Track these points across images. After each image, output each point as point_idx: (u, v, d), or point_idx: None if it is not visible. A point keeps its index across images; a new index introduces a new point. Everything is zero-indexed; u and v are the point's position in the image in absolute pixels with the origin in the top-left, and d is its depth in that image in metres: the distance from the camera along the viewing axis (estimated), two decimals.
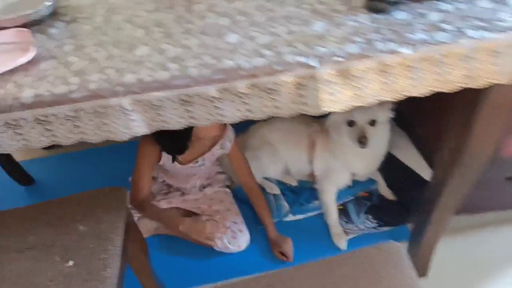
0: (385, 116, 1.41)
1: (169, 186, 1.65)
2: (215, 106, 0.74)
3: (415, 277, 0.84)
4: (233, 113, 0.76)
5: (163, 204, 1.58)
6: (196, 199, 1.63)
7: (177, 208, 1.61)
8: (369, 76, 0.73)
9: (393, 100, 0.78)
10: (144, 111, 0.74)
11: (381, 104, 1.34)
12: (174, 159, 1.41)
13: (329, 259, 0.90)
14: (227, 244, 1.46)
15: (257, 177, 1.69)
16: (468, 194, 1.13)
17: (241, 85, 0.72)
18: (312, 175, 1.62)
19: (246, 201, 1.64)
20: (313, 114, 0.76)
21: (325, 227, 1.56)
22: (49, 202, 1.05)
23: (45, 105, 0.71)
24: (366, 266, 0.85)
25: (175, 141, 1.31)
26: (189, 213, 1.60)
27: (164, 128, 0.77)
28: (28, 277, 0.89)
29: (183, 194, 1.64)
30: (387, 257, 0.86)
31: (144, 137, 1.24)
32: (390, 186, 1.60)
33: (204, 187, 1.65)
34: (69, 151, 2.01)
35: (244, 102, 0.74)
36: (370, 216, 1.54)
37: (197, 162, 1.47)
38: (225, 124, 1.41)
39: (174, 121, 0.76)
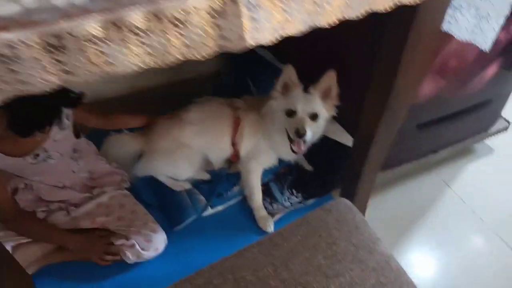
0: (328, 114, 1.29)
1: (46, 202, 1.30)
2: (98, 50, 0.53)
3: (371, 230, 0.73)
4: (126, 59, 0.55)
5: None
6: (88, 213, 1.31)
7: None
8: None
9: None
10: None
11: (326, 100, 1.25)
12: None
13: (274, 234, 0.75)
14: (140, 251, 1.21)
15: (162, 177, 1.47)
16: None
17: (136, 17, 0.52)
18: (230, 159, 1.46)
19: (151, 202, 1.41)
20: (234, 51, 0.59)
21: (247, 213, 1.42)
22: None
23: None
24: (319, 231, 0.72)
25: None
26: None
27: (23, 93, 0.53)
28: None
29: (68, 213, 1.30)
30: (338, 216, 0.74)
31: None
32: (308, 158, 1.52)
33: (92, 188, 1.35)
34: None
35: (142, 42, 0.54)
36: (294, 191, 1.44)
37: (37, 155, 1.17)
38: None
39: (37, 80, 0.53)
